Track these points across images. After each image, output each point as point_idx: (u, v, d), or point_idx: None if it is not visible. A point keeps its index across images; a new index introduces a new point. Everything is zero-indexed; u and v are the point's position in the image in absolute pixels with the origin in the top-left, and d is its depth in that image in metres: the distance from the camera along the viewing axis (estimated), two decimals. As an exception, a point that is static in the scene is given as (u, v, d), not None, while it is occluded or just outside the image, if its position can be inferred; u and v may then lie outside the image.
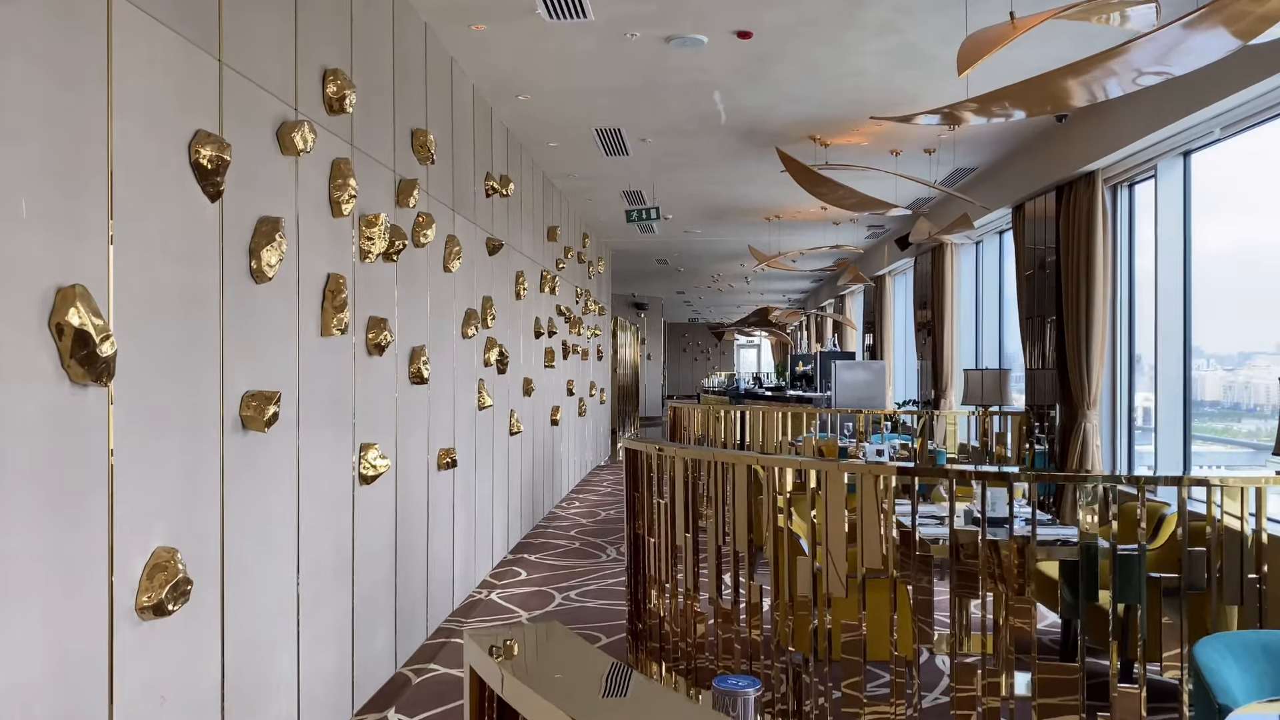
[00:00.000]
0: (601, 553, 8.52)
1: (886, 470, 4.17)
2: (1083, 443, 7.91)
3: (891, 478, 4.13)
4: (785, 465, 4.50)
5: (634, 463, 5.43)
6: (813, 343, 24.25)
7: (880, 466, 4.26)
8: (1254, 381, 7.68)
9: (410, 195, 5.04)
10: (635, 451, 5.39)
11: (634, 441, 5.41)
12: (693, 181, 10.40)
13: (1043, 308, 8.71)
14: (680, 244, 15.41)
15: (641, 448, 5.30)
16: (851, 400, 13.85)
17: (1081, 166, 7.67)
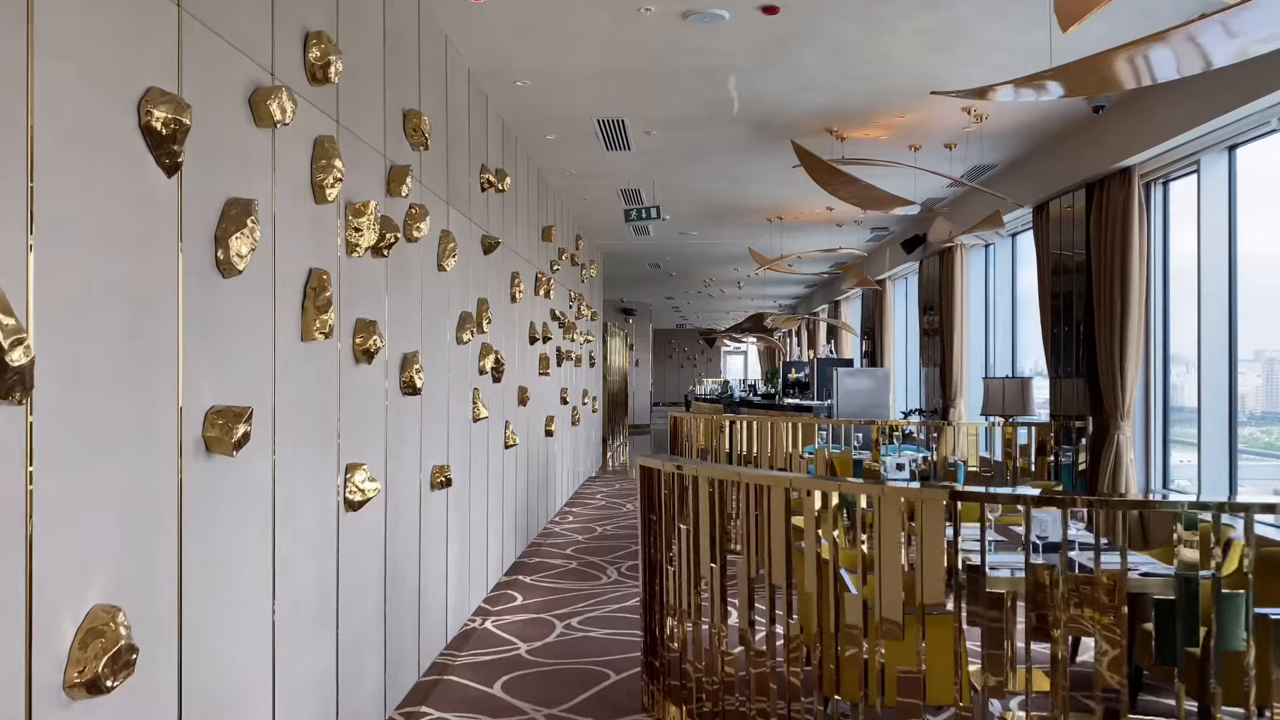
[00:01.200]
0: (601, 574, 7.96)
1: (933, 495, 3.65)
2: (1116, 455, 7.43)
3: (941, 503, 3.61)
4: (826, 489, 3.96)
5: (650, 482, 4.88)
6: (805, 349, 23.80)
7: (932, 492, 3.74)
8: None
9: (403, 184, 4.48)
10: (652, 470, 4.84)
11: (651, 459, 4.87)
12: (695, 179, 9.88)
13: (1070, 312, 8.23)
14: (675, 247, 14.89)
15: (658, 465, 4.76)
16: (853, 409, 13.35)
17: (1116, 162, 7.19)
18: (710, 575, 4.35)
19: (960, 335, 11.68)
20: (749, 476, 4.17)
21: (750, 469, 4.26)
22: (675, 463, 4.69)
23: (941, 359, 12.02)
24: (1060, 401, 8.44)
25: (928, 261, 12.60)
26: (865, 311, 16.80)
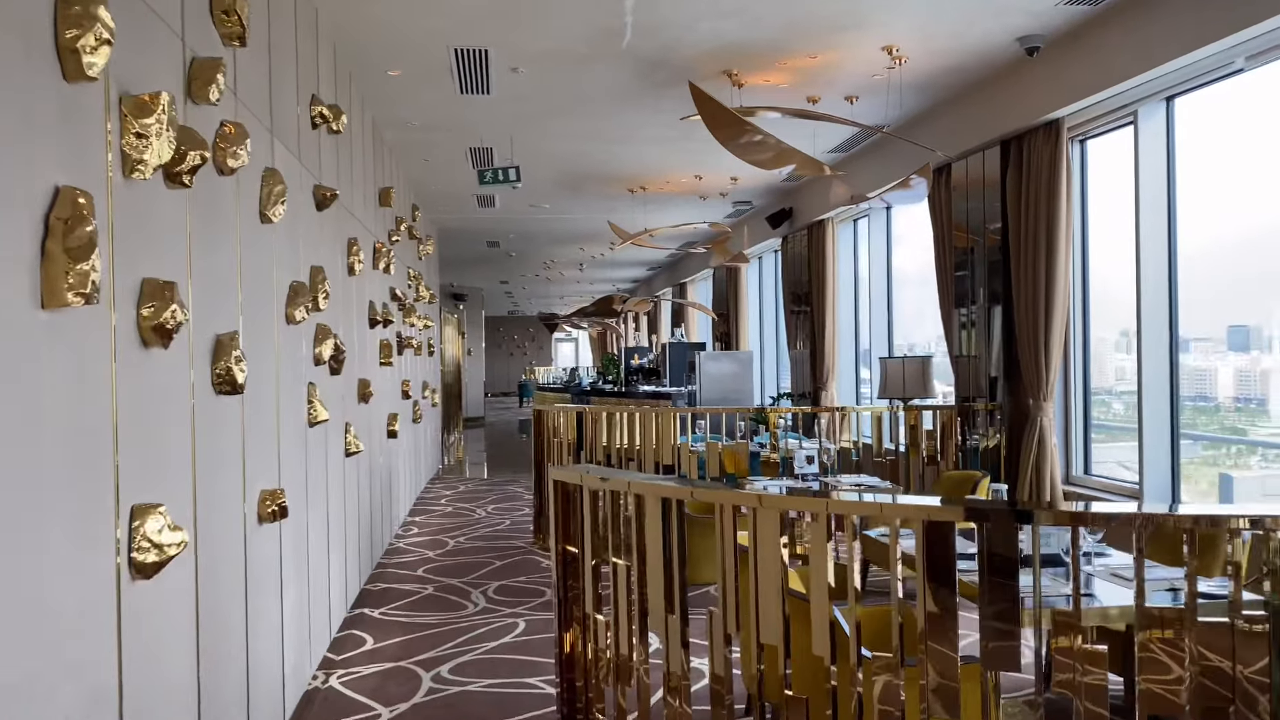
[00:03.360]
0: (465, 600, 6.66)
1: (947, 513, 2.65)
2: (1038, 441, 6.76)
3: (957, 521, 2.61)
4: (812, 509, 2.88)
5: (566, 504, 3.66)
6: (647, 334, 22.93)
7: (948, 509, 2.74)
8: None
9: (210, 85, 3.06)
10: (569, 487, 3.63)
11: (567, 472, 3.65)
12: (560, 137, 8.64)
13: (976, 287, 7.54)
14: (520, 222, 13.57)
15: (577, 480, 3.55)
16: (717, 395, 12.50)
17: (1042, 115, 6.49)
18: (666, 629, 3.19)
19: (832, 315, 10.98)
20: (725, 496, 3.02)
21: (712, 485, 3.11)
22: (600, 475, 3.50)
23: (812, 340, 11.29)
24: (965, 383, 7.76)
25: (794, 238, 11.85)
26: (718, 293, 16.02)
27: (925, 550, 2.72)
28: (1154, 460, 6.09)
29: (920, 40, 6.06)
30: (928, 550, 2.72)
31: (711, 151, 9.00)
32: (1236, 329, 6.39)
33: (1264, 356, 6.19)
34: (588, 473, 3.51)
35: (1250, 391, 6.49)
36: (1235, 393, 6.50)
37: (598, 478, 3.42)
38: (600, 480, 3.42)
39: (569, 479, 3.59)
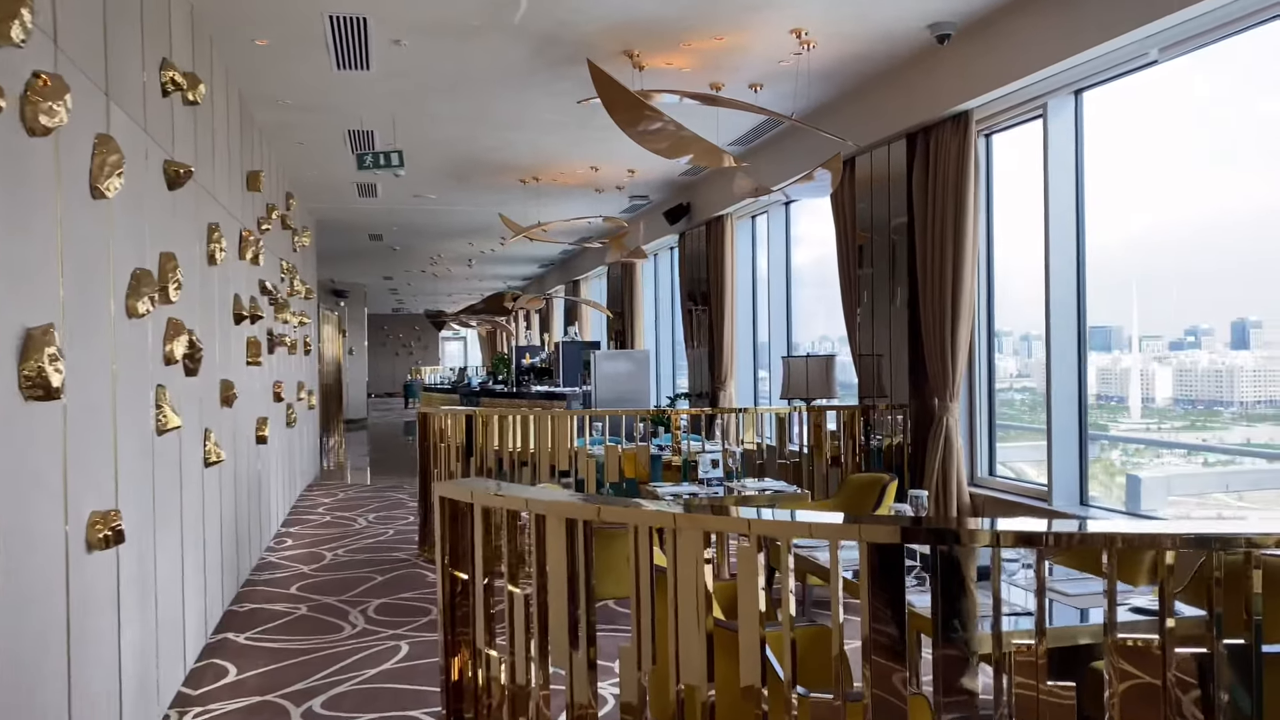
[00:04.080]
0: (343, 621, 6.09)
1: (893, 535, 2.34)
2: (945, 442, 6.59)
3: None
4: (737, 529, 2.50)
5: (455, 524, 3.20)
6: (539, 333, 22.40)
7: (888, 529, 2.42)
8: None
9: (12, 21, 2.50)
10: (459, 505, 3.17)
11: (455, 487, 3.19)
12: (447, 120, 8.09)
13: (882, 283, 7.34)
14: (405, 214, 12.89)
15: (468, 495, 3.10)
16: (612, 395, 12.13)
17: (951, 107, 6.31)
18: (571, 665, 2.78)
19: (730, 313, 10.72)
20: (638, 516, 2.62)
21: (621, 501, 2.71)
22: (494, 490, 3.06)
23: (710, 339, 11.01)
24: (869, 383, 7.57)
25: (692, 234, 11.55)
26: (613, 290, 15.64)
27: (870, 574, 2.37)
28: (1062, 461, 5.96)
29: (830, 23, 5.78)
30: (873, 574, 2.38)
31: (609, 140, 8.61)
32: (1098, 329, 6.33)
33: (1124, 356, 6.23)
34: (480, 488, 3.06)
35: (1111, 390, 6.47)
36: (1098, 390, 6.44)
37: (491, 493, 2.98)
38: (494, 496, 2.98)
39: (458, 495, 3.12)
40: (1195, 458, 6.24)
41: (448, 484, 3.15)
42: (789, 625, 2.47)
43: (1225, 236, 5.30)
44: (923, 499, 4.20)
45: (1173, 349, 5.77)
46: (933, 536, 2.34)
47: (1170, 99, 5.47)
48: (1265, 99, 4.93)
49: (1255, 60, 4.89)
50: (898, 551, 2.34)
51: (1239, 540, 2.20)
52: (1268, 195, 4.78)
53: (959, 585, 2.37)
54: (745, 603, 2.46)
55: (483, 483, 3.32)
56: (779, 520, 2.46)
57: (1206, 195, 5.48)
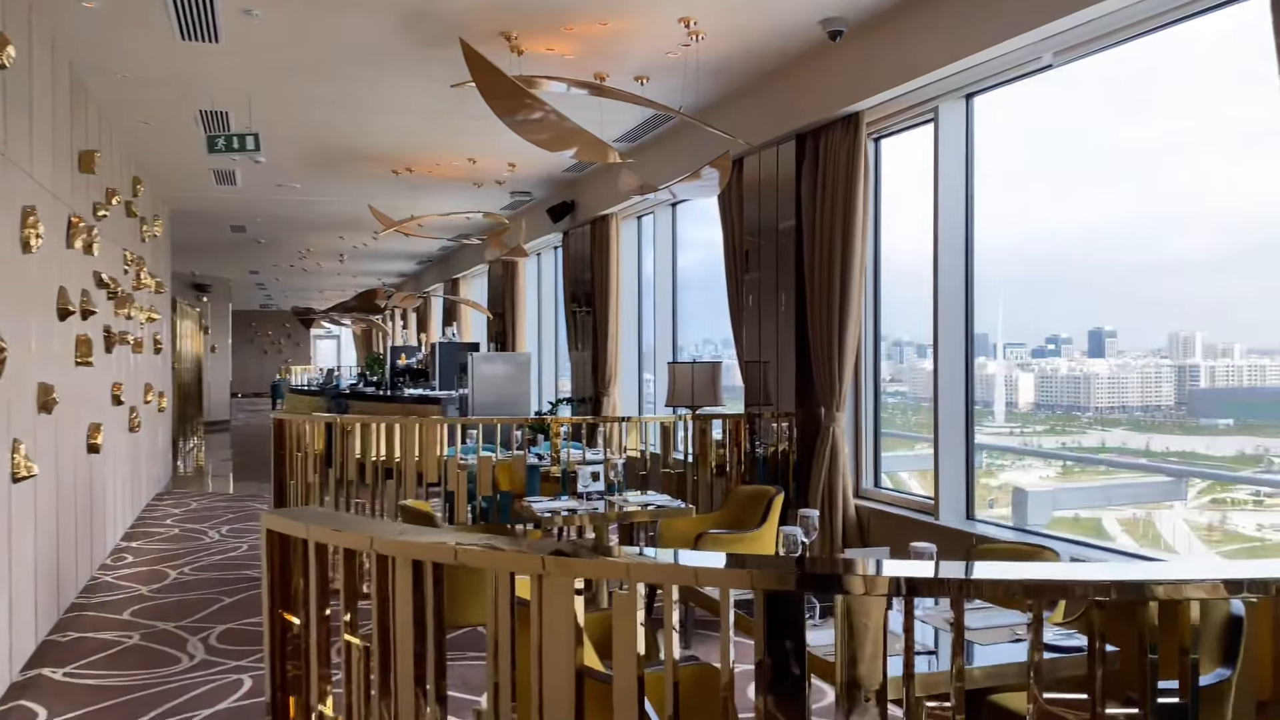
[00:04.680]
0: (180, 650, 5.49)
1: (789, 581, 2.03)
2: (831, 452, 6.39)
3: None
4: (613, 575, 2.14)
5: (284, 558, 2.74)
6: (416, 332, 21.60)
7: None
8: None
9: None
10: (291, 541, 2.71)
11: (286, 518, 2.72)
12: (308, 102, 7.48)
13: (770, 288, 7.11)
14: (268, 204, 12.10)
15: (301, 530, 2.64)
16: (491, 399, 11.64)
17: (842, 107, 6.10)
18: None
19: (615, 316, 10.39)
20: (502, 560, 2.22)
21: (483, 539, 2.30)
22: (332, 524, 2.62)
23: (594, 342, 10.65)
24: (755, 390, 7.33)
25: (576, 233, 11.16)
26: (494, 290, 15.11)
27: (766, 622, 2.04)
28: (949, 474, 5.81)
29: (721, 13, 5.49)
30: (769, 621, 2.04)
31: (487, 131, 8.14)
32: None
33: (990, 362, 6.29)
34: (317, 521, 2.61)
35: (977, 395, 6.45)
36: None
37: (329, 528, 2.53)
38: (332, 532, 2.53)
39: (289, 529, 2.66)
40: (1063, 465, 6.33)
41: (277, 515, 2.68)
42: (672, 669, 2.12)
43: (1083, 249, 5.47)
44: (813, 519, 3.92)
45: (1035, 356, 5.90)
46: (819, 584, 2.02)
47: (1035, 113, 5.55)
48: (1125, 123, 5.04)
49: (1114, 83, 4.97)
50: (791, 600, 2.02)
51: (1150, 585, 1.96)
52: (1125, 212, 4.90)
53: (854, 629, 2.06)
54: (622, 663, 2.09)
55: (318, 514, 2.85)
56: (662, 564, 2.10)
57: (1068, 209, 5.60)
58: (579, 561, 2.12)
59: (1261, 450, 5.10)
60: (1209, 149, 4.98)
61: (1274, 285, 4.68)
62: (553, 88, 5.61)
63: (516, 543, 2.28)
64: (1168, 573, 2.10)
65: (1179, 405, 5.02)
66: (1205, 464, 5.33)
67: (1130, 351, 5.34)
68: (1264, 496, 5.30)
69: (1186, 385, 5.14)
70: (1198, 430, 5.20)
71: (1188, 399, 5.15)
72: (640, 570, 2.12)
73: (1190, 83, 4.98)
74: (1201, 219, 4.98)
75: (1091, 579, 2.00)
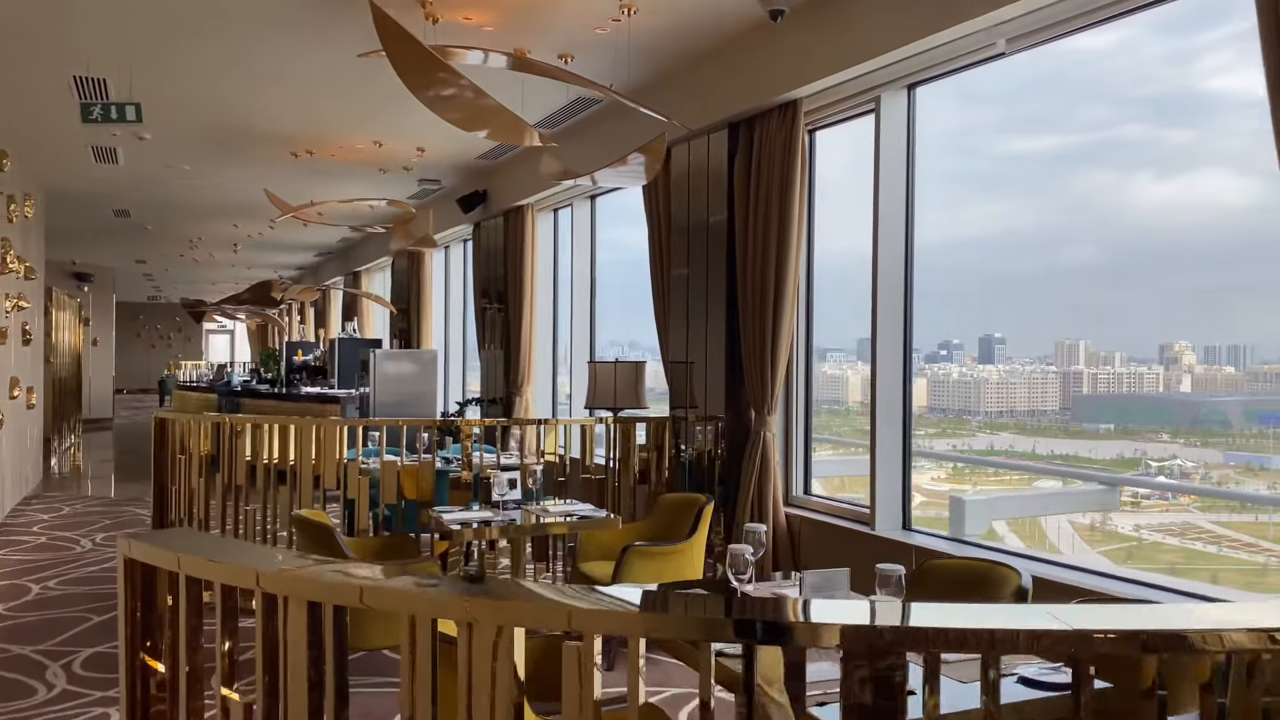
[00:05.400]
0: (37, 679, 4.85)
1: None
2: (762, 457, 6.07)
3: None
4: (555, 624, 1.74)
5: (147, 595, 2.25)
6: (314, 328, 20.67)
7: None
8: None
9: None
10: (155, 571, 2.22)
11: (151, 547, 2.22)
12: (195, 72, 6.82)
13: (698, 285, 6.76)
14: (155, 186, 11.23)
15: (171, 561, 2.15)
16: (394, 399, 11.03)
17: (780, 94, 5.78)
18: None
19: (529, 313, 9.92)
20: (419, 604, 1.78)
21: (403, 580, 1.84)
22: (209, 554, 2.14)
23: (507, 340, 10.16)
24: (681, 392, 6.97)
25: (488, 225, 10.65)
26: (398, 284, 14.45)
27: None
28: (885, 481, 5.55)
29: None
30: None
31: (396, 110, 7.62)
32: (864, 341, 6.32)
33: None
34: (188, 549, 2.12)
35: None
36: (861, 398, 6.68)
37: (204, 559, 2.04)
38: (208, 563, 2.05)
39: (157, 560, 2.16)
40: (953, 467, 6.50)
41: (138, 542, 2.18)
42: None
43: (976, 257, 5.74)
44: (760, 534, 3.57)
45: (927, 361, 5.99)
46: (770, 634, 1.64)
47: (933, 118, 5.53)
48: (1019, 134, 5.24)
49: (1005, 97, 5.20)
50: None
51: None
52: (1016, 222, 5.10)
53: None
54: None
55: (190, 538, 2.35)
56: (626, 612, 1.69)
57: (966, 216, 5.83)
58: (514, 606, 1.69)
59: (1139, 453, 5.27)
60: (1097, 164, 5.20)
61: (1151, 298, 4.90)
62: (470, 59, 5.14)
63: (438, 580, 1.84)
64: (1210, 619, 1.79)
65: (1063, 410, 5.14)
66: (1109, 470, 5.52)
67: (1018, 358, 5.48)
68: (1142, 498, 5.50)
69: (1070, 391, 5.26)
70: (1081, 434, 5.34)
71: (1071, 404, 5.26)
72: (587, 618, 1.69)
73: (1085, 96, 5.19)
74: (1088, 232, 5.17)
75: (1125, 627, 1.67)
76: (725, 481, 6.38)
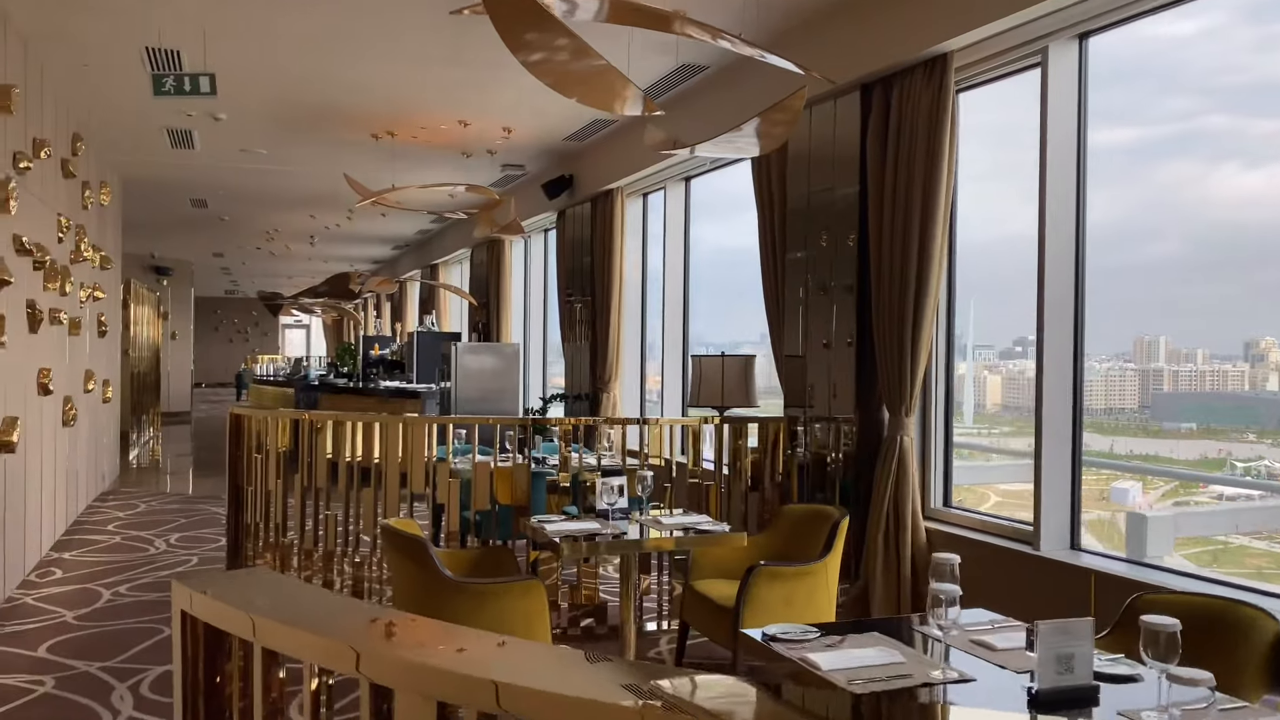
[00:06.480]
0: (102, 703, 4.38)
1: None
2: (898, 464, 5.35)
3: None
4: None
5: (206, 657, 1.64)
6: (390, 322, 20.38)
7: None
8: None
9: None
10: (225, 637, 1.61)
11: (218, 602, 1.62)
12: (275, 42, 6.34)
13: (819, 271, 6.05)
14: (231, 174, 10.88)
15: (245, 625, 1.54)
16: (476, 394, 10.54)
17: (925, 48, 5.05)
18: None
19: (618, 304, 9.30)
20: None
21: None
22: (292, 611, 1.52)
23: (594, 334, 9.56)
24: (797, 391, 6.28)
25: (573, 211, 10.06)
26: (476, 277, 13.97)
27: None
28: (1053, 495, 4.79)
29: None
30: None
31: (485, 84, 7.07)
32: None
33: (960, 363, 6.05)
34: (264, 611, 1.52)
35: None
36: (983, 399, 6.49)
37: (286, 627, 1.44)
38: (291, 633, 1.44)
39: (224, 621, 1.56)
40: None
41: (202, 591, 1.58)
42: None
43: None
44: (954, 566, 2.88)
45: (1002, 358, 5.86)
46: None
47: (1021, 105, 5.09)
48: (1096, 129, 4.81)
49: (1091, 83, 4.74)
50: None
51: None
52: (1095, 216, 4.72)
53: None
54: None
55: (268, 586, 1.74)
56: None
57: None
58: None
59: (1223, 454, 5.15)
60: (1180, 155, 5.00)
61: (1236, 293, 4.80)
62: (582, 9, 4.50)
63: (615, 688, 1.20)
64: None
65: (1142, 408, 4.99)
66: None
67: (1095, 355, 5.34)
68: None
69: (1150, 389, 5.15)
70: (1161, 433, 5.23)
71: (1151, 402, 5.15)
72: None
73: (1167, 86, 5.01)
74: (1170, 225, 5.03)
75: None
76: (854, 490, 5.67)
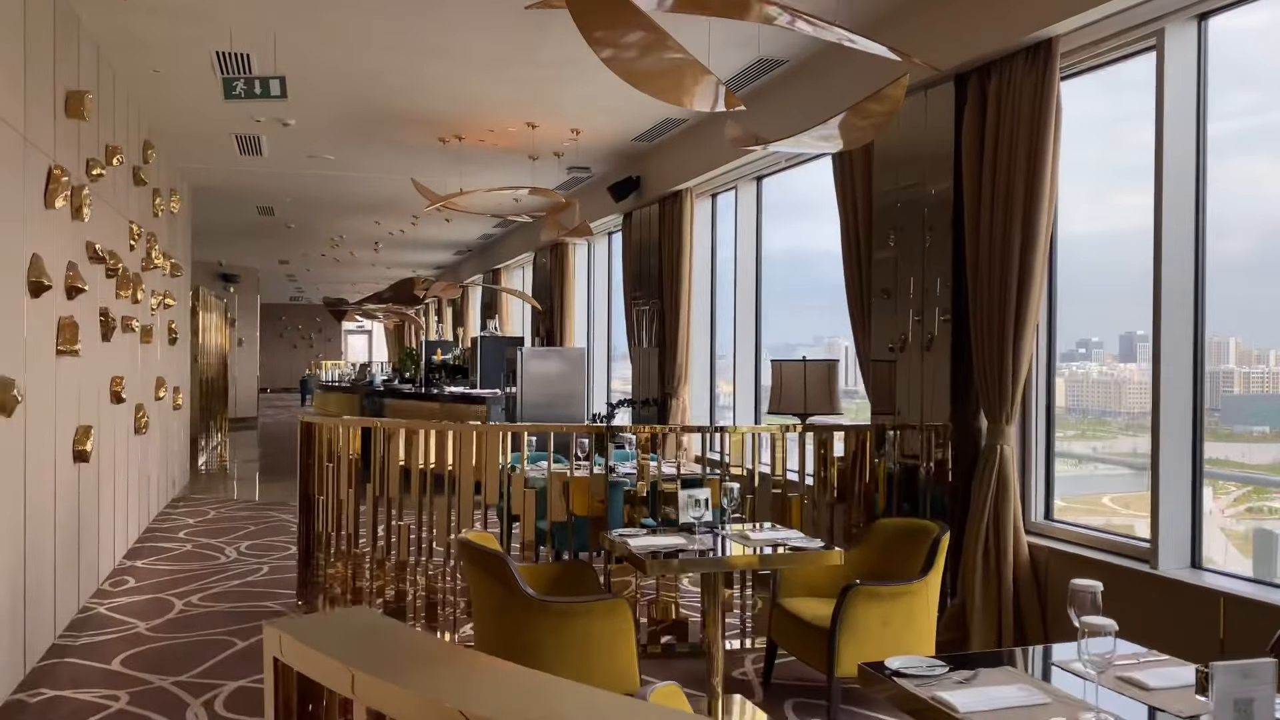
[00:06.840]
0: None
1: None
2: (997, 476, 5.03)
3: None
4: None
5: (292, 710, 1.44)
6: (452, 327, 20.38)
7: None
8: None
9: None
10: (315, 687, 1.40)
11: (317, 653, 1.41)
12: (343, 46, 6.23)
13: (909, 271, 5.76)
14: (298, 180, 10.88)
15: (346, 682, 1.34)
16: (541, 399, 10.39)
17: (1028, 33, 4.75)
18: None
19: (686, 307, 9.08)
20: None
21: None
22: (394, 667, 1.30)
23: (662, 338, 9.35)
24: (883, 397, 5.99)
25: (640, 212, 9.86)
26: (539, 281, 13.85)
27: None
28: (1171, 507, 4.45)
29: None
30: None
31: (557, 83, 6.91)
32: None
33: None
34: (363, 666, 1.31)
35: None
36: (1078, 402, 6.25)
37: (390, 685, 1.23)
38: (395, 692, 1.23)
39: (319, 673, 1.37)
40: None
41: (296, 636, 1.39)
42: None
43: (1118, 249, 5.38)
44: (1096, 595, 2.60)
45: (1064, 360, 5.76)
46: None
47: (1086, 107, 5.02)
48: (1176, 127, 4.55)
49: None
50: None
51: None
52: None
53: None
54: None
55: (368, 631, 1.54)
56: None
57: (1107, 208, 5.48)
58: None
59: None
60: (1250, 152, 4.79)
61: None
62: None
63: None
64: None
65: (1212, 411, 4.70)
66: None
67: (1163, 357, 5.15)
68: None
69: (1220, 391, 4.97)
70: (1231, 437, 5.09)
71: (1221, 405, 4.96)
72: None
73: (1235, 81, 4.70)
74: (1240, 224, 4.81)
75: None
76: (949, 504, 5.37)
